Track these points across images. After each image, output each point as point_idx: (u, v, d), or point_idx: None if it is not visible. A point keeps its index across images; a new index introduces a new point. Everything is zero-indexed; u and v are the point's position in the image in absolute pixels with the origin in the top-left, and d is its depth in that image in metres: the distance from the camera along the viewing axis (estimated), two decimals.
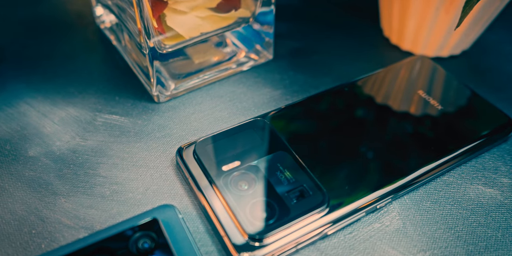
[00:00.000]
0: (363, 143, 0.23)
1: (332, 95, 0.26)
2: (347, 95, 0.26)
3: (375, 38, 0.32)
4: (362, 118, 0.25)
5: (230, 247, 0.19)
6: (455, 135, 0.24)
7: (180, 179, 0.23)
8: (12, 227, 0.21)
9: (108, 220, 0.21)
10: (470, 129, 0.24)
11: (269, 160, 0.22)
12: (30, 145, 0.24)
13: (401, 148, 0.23)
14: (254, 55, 0.30)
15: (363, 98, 0.26)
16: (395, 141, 0.23)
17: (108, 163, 0.24)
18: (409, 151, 0.23)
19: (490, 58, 0.31)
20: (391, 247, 0.20)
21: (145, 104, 0.27)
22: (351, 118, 0.25)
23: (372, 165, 0.22)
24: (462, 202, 0.22)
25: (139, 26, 0.23)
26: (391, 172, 0.22)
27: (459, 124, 0.25)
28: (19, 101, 0.27)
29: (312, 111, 0.25)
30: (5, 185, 0.23)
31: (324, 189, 0.21)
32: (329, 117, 0.25)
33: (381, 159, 0.23)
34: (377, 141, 0.24)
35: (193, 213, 0.22)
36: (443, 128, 0.24)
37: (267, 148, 0.23)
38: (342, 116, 0.25)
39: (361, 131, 0.24)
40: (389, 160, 0.23)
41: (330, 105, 0.25)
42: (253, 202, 0.20)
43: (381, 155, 0.23)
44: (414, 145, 0.23)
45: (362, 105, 0.25)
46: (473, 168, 0.24)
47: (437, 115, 0.25)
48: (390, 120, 0.25)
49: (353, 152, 0.23)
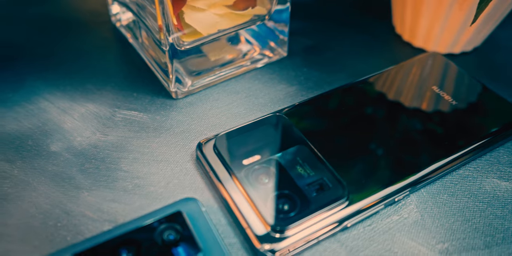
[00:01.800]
0: (380, 137, 0.24)
1: (348, 91, 0.26)
2: (363, 91, 0.26)
3: (387, 35, 0.33)
4: (378, 113, 0.25)
5: (253, 238, 0.20)
6: (470, 130, 0.24)
7: (201, 173, 0.23)
8: (38, 220, 0.21)
9: (131, 213, 0.22)
10: (484, 124, 0.25)
11: (288, 154, 0.22)
12: (52, 141, 0.25)
13: (417, 142, 0.23)
14: (269, 52, 0.30)
15: (379, 93, 0.26)
16: (411, 136, 0.24)
17: (129, 157, 0.24)
18: (425, 145, 0.23)
19: (501, 54, 0.31)
20: (410, 239, 0.21)
21: (163, 100, 0.27)
22: (367, 113, 0.25)
23: (390, 159, 0.23)
24: (478, 195, 0.22)
25: (160, 23, 0.23)
26: (408, 165, 0.22)
27: (473, 119, 0.25)
28: (38, 97, 0.27)
29: (329, 107, 0.26)
30: (29, 179, 0.23)
31: (343, 182, 0.21)
32: (346, 112, 0.25)
33: (398, 153, 0.23)
34: (393, 135, 0.24)
35: (214, 206, 0.22)
36: (458, 122, 0.25)
37: (285, 143, 0.23)
38: (358, 111, 0.25)
39: (377, 126, 0.24)
40: (406, 154, 0.23)
41: (346, 101, 0.26)
42: (274, 195, 0.21)
43: (398, 149, 0.23)
44: (430, 139, 0.24)
45: (377, 100, 0.26)
46: (488, 162, 0.24)
47: (451, 110, 0.25)
48: (405, 115, 0.25)
49: (371, 146, 0.23)
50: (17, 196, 0.22)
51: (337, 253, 0.20)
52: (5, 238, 0.20)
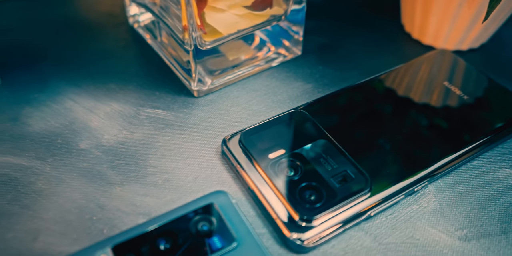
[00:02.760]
0: (397, 131, 0.25)
1: (364, 87, 0.28)
2: (379, 87, 0.28)
3: (396, 34, 0.34)
4: (395, 107, 0.26)
5: (283, 228, 0.21)
6: (482, 123, 0.25)
7: (227, 168, 0.24)
8: (74, 215, 0.22)
9: (163, 207, 0.22)
10: (495, 117, 0.26)
11: (312, 148, 0.23)
12: (81, 139, 0.26)
13: (433, 135, 0.25)
14: (284, 51, 0.31)
15: (394, 89, 0.27)
16: (427, 129, 0.25)
17: (157, 154, 0.25)
18: (440, 138, 0.24)
19: (507, 51, 0.32)
20: (430, 226, 0.22)
21: (185, 99, 0.28)
22: (384, 108, 0.26)
23: (408, 151, 0.24)
24: (493, 184, 0.24)
25: (185, 24, 0.24)
26: (426, 157, 0.23)
27: (484, 112, 0.26)
28: (63, 97, 0.28)
29: (347, 102, 0.27)
30: (62, 176, 0.24)
31: (366, 173, 0.22)
32: (363, 107, 0.26)
33: (415, 145, 0.24)
34: (410, 129, 0.25)
35: (242, 198, 0.23)
36: (470, 116, 0.26)
37: (308, 137, 0.24)
38: (375, 106, 0.26)
39: (395, 120, 0.25)
40: (423, 147, 0.24)
41: (364, 96, 0.27)
42: (301, 186, 0.22)
43: (415, 142, 0.24)
44: (445, 132, 0.25)
45: (393, 95, 0.27)
46: (500, 153, 0.25)
47: (463, 104, 0.27)
48: (421, 110, 0.26)
49: (389, 140, 0.24)
50: (51, 192, 0.23)
51: (362, 240, 0.21)
52: (44, 231, 0.21)
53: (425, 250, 0.21)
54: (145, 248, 0.19)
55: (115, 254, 0.19)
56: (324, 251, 0.21)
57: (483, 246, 0.21)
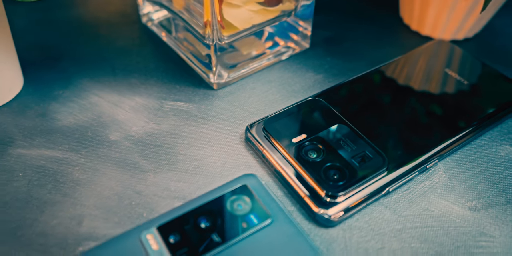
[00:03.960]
0: (408, 114, 0.27)
1: (374, 75, 0.30)
2: (386, 74, 0.30)
3: (396, 26, 0.36)
4: (404, 92, 0.28)
5: (311, 205, 0.22)
6: (482, 105, 0.28)
7: (251, 153, 0.26)
8: (113, 201, 0.23)
9: (197, 191, 0.24)
10: (493, 100, 0.28)
11: (331, 132, 0.25)
12: (110, 131, 0.27)
13: (441, 117, 0.27)
14: (294, 45, 0.33)
15: (400, 75, 0.30)
16: (435, 112, 0.27)
17: (184, 143, 0.26)
18: (448, 119, 0.27)
19: (498, 39, 0.35)
20: (444, 199, 0.24)
21: (205, 91, 0.30)
22: (393, 94, 0.28)
23: (419, 132, 0.26)
24: (495, 160, 0.26)
25: (206, 19, 0.26)
26: (435, 137, 0.26)
27: (484, 95, 0.29)
28: (88, 93, 0.29)
29: (360, 89, 0.29)
30: (96, 166, 0.25)
31: (383, 153, 0.24)
32: (375, 93, 0.28)
33: (426, 126, 0.26)
34: (421, 111, 0.27)
35: (269, 181, 0.25)
36: (471, 99, 0.28)
37: (326, 122, 0.26)
38: (386, 92, 0.28)
39: (406, 104, 0.28)
40: (433, 127, 0.26)
41: (374, 83, 0.29)
42: (325, 166, 0.24)
43: (426, 123, 0.26)
44: (450, 114, 0.27)
45: (400, 82, 0.29)
46: (500, 132, 0.27)
47: (464, 88, 0.29)
48: (427, 94, 0.28)
49: (401, 122, 0.26)
50: (89, 181, 0.24)
51: (383, 214, 0.23)
52: (88, 217, 0.23)
53: (440, 220, 0.23)
54: (187, 227, 0.21)
55: (161, 233, 0.21)
56: (349, 224, 0.23)
57: (491, 215, 0.23)
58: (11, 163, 0.25)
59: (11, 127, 0.27)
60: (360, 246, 0.22)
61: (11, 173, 0.25)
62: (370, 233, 0.22)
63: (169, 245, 0.20)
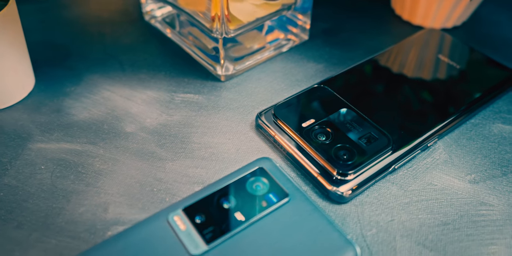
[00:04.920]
0: (408, 97, 0.29)
1: (372, 62, 0.31)
2: (385, 61, 0.31)
3: (388, 17, 0.38)
4: (403, 77, 0.30)
5: (324, 183, 0.24)
6: (475, 87, 0.30)
7: (263, 139, 0.27)
8: (136, 188, 0.25)
9: (215, 175, 0.25)
10: (485, 82, 0.30)
11: (337, 116, 0.27)
12: (125, 123, 0.28)
13: (441, 99, 0.29)
14: (294, 37, 0.34)
15: (398, 62, 0.31)
16: (436, 94, 0.29)
17: (198, 132, 0.28)
18: (446, 101, 0.28)
19: (484, 26, 0.37)
20: (445, 174, 0.26)
21: (212, 83, 0.31)
22: (393, 79, 0.30)
23: (420, 113, 0.28)
24: (489, 137, 0.28)
25: (215, 13, 0.27)
26: (434, 117, 0.27)
27: (476, 78, 0.30)
28: (99, 88, 0.30)
29: (361, 76, 0.30)
30: (116, 157, 0.26)
31: (387, 134, 0.26)
32: (375, 79, 0.30)
33: (426, 108, 0.28)
34: (420, 94, 0.29)
35: (282, 164, 0.26)
36: (465, 82, 0.30)
37: (332, 107, 0.27)
38: (385, 77, 0.30)
39: (405, 87, 0.29)
40: (432, 108, 0.28)
41: (373, 70, 0.31)
42: (335, 147, 0.25)
43: (425, 105, 0.28)
44: (447, 96, 0.29)
45: (397, 68, 0.31)
46: (492, 112, 0.29)
47: (458, 72, 0.31)
48: (424, 79, 0.30)
49: (402, 104, 0.28)
50: (110, 170, 0.25)
51: (390, 189, 0.25)
52: (113, 204, 0.24)
53: (443, 193, 0.25)
54: (211, 208, 0.22)
55: (187, 214, 0.22)
56: (360, 200, 0.24)
57: (489, 186, 0.25)
58: (32, 157, 0.26)
59: (28, 123, 0.28)
60: (372, 219, 0.24)
61: (33, 166, 0.25)
62: (380, 207, 0.24)
63: (195, 225, 0.22)
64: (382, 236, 0.23)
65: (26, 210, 0.23)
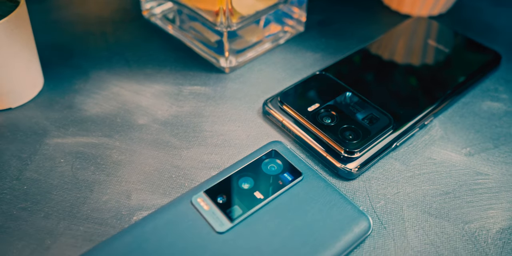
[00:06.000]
0: (404, 79, 0.31)
1: (367, 49, 0.33)
2: (378, 48, 0.33)
3: (377, 7, 0.40)
4: (397, 62, 0.32)
5: (333, 161, 0.26)
6: (464, 68, 0.32)
7: (270, 125, 0.29)
8: (155, 176, 0.26)
9: (229, 160, 0.27)
10: (472, 64, 0.32)
11: (340, 100, 0.28)
12: (137, 116, 0.29)
13: (433, 81, 0.31)
14: (290, 29, 0.36)
15: (391, 48, 0.33)
16: (428, 76, 0.31)
17: (208, 121, 0.29)
18: (439, 82, 0.30)
19: (468, 13, 0.39)
20: (442, 149, 0.28)
21: (217, 75, 0.32)
22: (389, 63, 0.32)
23: (416, 94, 0.29)
24: (480, 113, 0.30)
25: (219, 7, 0.29)
26: (430, 97, 0.29)
27: (465, 60, 0.33)
28: (108, 84, 0.31)
29: (358, 62, 0.32)
30: (132, 147, 0.27)
31: (388, 114, 0.28)
32: (371, 64, 0.32)
33: (421, 89, 0.30)
34: (416, 77, 0.31)
35: (291, 146, 0.28)
36: (455, 65, 0.32)
37: (334, 92, 0.29)
38: (382, 62, 0.32)
39: (401, 71, 0.31)
40: (427, 89, 0.30)
41: (369, 56, 0.32)
42: (340, 128, 0.27)
43: (421, 87, 0.30)
44: (440, 77, 0.31)
45: (390, 54, 0.33)
46: (480, 91, 0.32)
47: (447, 55, 0.33)
48: (418, 63, 0.32)
49: (400, 87, 0.30)
50: (128, 161, 0.26)
51: (394, 165, 0.27)
52: (135, 191, 0.25)
53: (442, 166, 0.27)
54: (231, 188, 0.24)
55: (209, 195, 0.23)
56: (367, 176, 0.26)
57: (483, 158, 0.27)
58: (50, 151, 0.27)
59: (42, 120, 0.29)
60: (379, 192, 0.25)
61: (53, 160, 0.26)
62: (385, 181, 0.26)
63: (218, 205, 0.23)
64: (390, 207, 0.25)
65: (51, 201, 0.24)
